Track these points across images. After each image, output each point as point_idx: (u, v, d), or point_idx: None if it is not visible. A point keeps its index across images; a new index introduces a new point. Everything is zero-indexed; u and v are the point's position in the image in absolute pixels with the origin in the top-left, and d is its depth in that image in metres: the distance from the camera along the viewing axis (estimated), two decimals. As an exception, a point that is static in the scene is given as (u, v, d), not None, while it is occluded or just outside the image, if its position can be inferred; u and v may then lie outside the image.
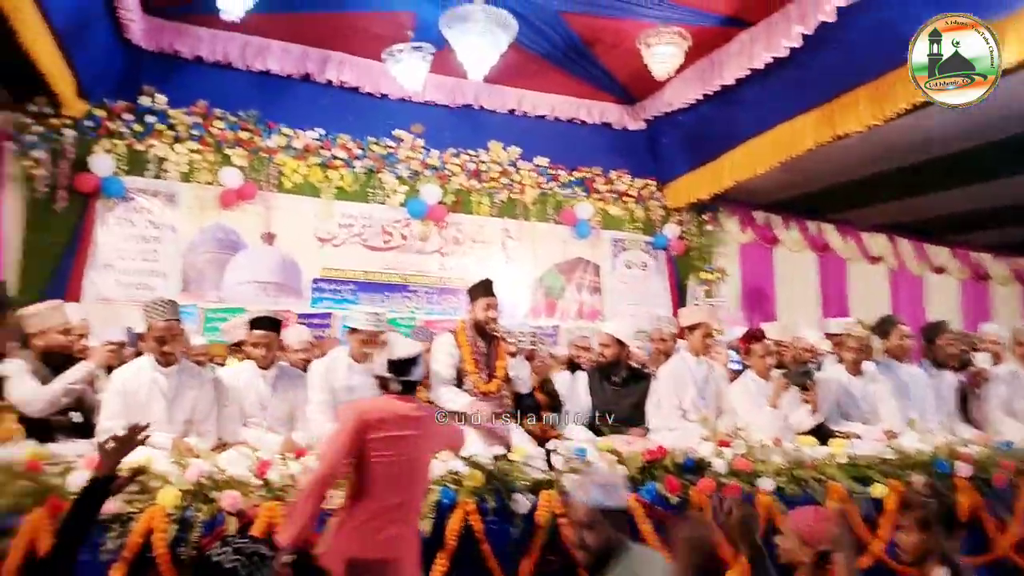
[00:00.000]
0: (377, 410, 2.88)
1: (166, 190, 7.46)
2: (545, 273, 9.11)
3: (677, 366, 4.78)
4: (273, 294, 7.76)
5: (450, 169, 8.62)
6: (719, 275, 9.59)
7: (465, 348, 4.25)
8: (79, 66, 6.37)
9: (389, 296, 8.26)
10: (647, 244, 9.62)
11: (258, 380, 4.19)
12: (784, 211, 10.12)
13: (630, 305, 9.37)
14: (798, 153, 7.20)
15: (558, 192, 9.16)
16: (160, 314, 3.76)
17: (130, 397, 3.76)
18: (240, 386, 4.17)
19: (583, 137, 9.36)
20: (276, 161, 7.88)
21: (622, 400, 4.66)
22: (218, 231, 7.67)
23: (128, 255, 7.28)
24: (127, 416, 3.66)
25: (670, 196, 9.58)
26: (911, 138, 7.09)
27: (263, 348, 4.15)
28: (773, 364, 4.83)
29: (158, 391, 3.81)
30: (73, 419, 4.00)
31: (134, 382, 3.80)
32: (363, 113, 8.37)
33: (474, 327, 4.30)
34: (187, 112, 7.55)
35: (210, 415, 3.98)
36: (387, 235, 8.40)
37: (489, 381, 4.23)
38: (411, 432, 2.88)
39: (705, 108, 8.20)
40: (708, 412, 4.61)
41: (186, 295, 7.30)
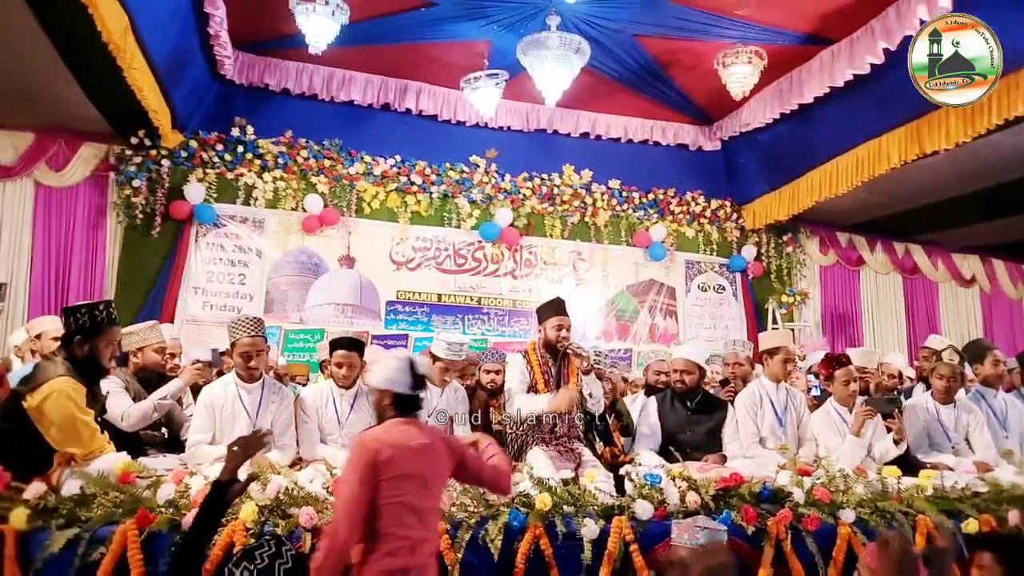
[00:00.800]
0: (387, 446, 2.52)
1: (253, 216, 7.79)
2: (617, 295, 9.04)
3: (755, 392, 4.64)
4: (351, 315, 7.96)
5: (523, 193, 8.69)
6: (800, 298, 9.32)
7: (536, 367, 4.25)
8: (176, 100, 6.75)
9: (461, 318, 8.36)
10: (723, 266, 9.44)
11: (338, 399, 4.28)
12: (868, 232, 9.77)
13: (705, 329, 9.21)
14: (883, 172, 6.95)
15: (631, 214, 9.11)
16: (246, 330, 3.89)
17: (216, 412, 3.91)
18: (320, 404, 4.27)
19: (657, 158, 9.30)
20: (357, 187, 8.13)
21: (696, 426, 4.54)
22: (300, 255, 7.94)
23: (217, 278, 7.62)
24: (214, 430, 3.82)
25: (747, 217, 9.41)
26: (1005, 155, 6.73)
27: (345, 368, 4.24)
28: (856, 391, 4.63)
29: (241, 406, 3.95)
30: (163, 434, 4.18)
31: (220, 397, 3.94)
32: (439, 140, 8.56)
33: (544, 346, 4.30)
34: (274, 142, 7.89)
35: (289, 431, 4.09)
36: (460, 258, 8.51)
37: None
38: (422, 464, 2.57)
39: (783, 127, 8.03)
40: (787, 440, 4.46)
41: (269, 316, 7.57)
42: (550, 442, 4.07)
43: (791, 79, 7.48)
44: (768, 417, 4.56)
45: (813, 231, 9.64)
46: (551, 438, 4.09)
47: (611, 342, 8.80)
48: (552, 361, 4.28)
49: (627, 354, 8.63)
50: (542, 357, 4.29)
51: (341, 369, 4.22)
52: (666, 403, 4.60)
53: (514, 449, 4.14)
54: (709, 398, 4.71)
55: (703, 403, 4.60)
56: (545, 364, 4.27)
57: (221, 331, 6.25)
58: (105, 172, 7.29)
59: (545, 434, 4.09)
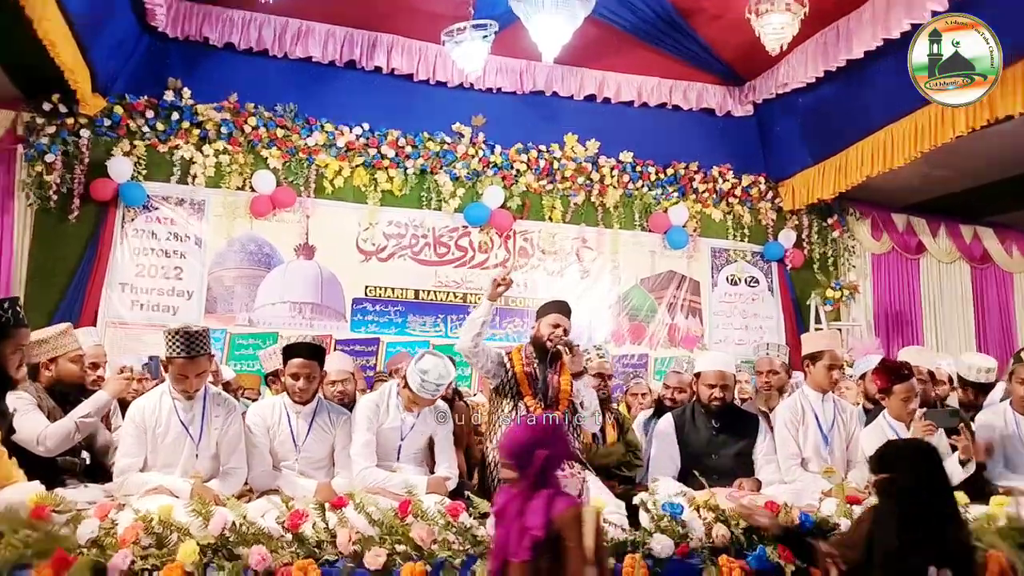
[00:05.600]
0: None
1: (192, 197, 7.77)
2: (630, 291, 9.06)
3: (796, 405, 4.68)
4: (310, 316, 7.97)
5: (517, 168, 8.69)
6: (848, 292, 9.34)
7: (518, 368, 4.28)
8: (96, 57, 6.70)
9: (443, 318, 8.37)
10: (756, 255, 9.47)
11: (293, 416, 4.28)
12: (930, 213, 9.79)
13: (735, 330, 9.24)
14: (947, 141, 6.96)
15: (646, 193, 9.12)
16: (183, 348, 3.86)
17: (148, 431, 3.90)
18: (272, 423, 4.27)
19: (677, 126, 9.31)
20: (316, 162, 8.12)
21: (724, 447, 4.55)
22: (249, 244, 7.93)
23: (148, 271, 7.60)
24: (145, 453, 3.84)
25: (785, 196, 9.42)
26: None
27: (302, 380, 4.24)
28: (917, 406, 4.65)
29: (179, 423, 3.94)
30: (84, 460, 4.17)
31: (153, 413, 3.94)
32: (416, 105, 8.53)
33: (533, 343, 4.35)
34: (216, 108, 7.86)
35: (237, 454, 4.09)
36: (442, 246, 8.51)
37: (548, 407, 4.24)
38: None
39: (828, 89, 8.03)
40: (834, 462, 4.50)
41: (212, 317, 7.58)
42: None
43: (837, 30, 7.47)
44: (811, 434, 4.59)
45: (864, 212, 9.65)
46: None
47: (623, 346, 8.82)
48: (539, 362, 4.32)
49: (642, 360, 8.67)
50: (527, 357, 4.33)
51: (297, 381, 4.22)
52: (686, 420, 4.61)
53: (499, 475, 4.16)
54: (739, 413, 4.73)
55: (732, 419, 4.61)
56: (530, 365, 4.31)
57: (155, 335, 6.24)
58: (12, 145, 7.24)
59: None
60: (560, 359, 4.33)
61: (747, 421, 4.68)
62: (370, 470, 4.12)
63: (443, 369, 4.24)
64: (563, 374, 4.33)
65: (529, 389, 4.27)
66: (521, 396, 4.27)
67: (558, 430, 2.78)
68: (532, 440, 2.57)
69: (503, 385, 4.38)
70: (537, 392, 4.28)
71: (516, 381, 4.32)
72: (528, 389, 4.27)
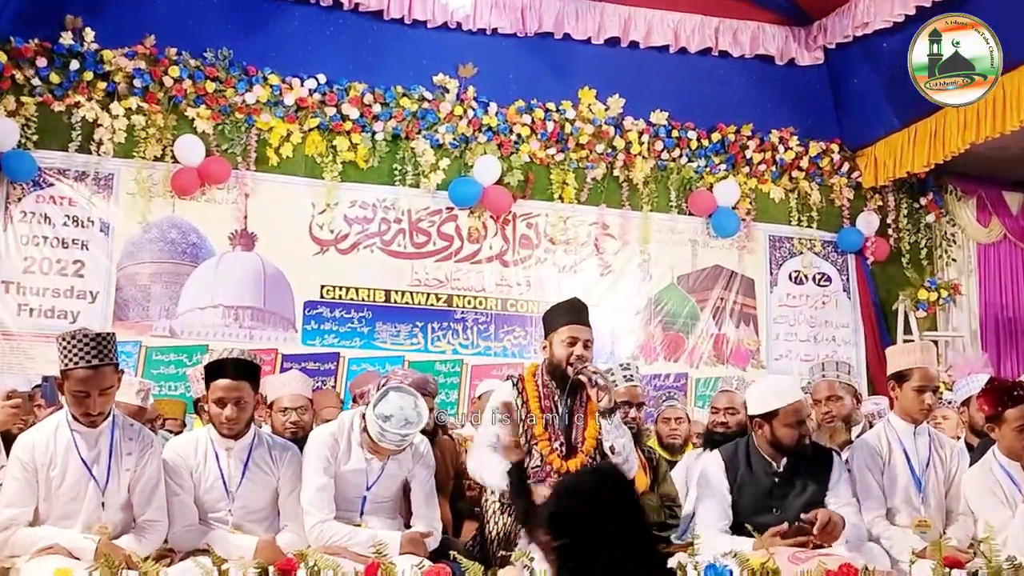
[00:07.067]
0: None
1: (96, 170, 7.75)
2: (665, 291, 9.07)
3: (879, 440, 4.66)
4: (250, 325, 7.96)
5: (517, 132, 8.68)
6: (947, 293, 9.34)
7: (533, 401, 4.25)
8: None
9: (422, 327, 8.37)
10: (828, 245, 9.48)
11: (223, 454, 4.27)
12: (1053, 191, 9.81)
13: (802, 342, 9.23)
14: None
15: (685, 165, 9.13)
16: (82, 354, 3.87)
17: (41, 472, 3.89)
18: (195, 464, 4.26)
19: (725, 79, 9.33)
20: (257, 124, 8.10)
21: (786, 500, 4.46)
22: (171, 230, 7.92)
23: (40, 266, 7.58)
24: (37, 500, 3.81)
25: (865, 169, 9.42)
26: None
27: (230, 407, 4.22)
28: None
29: (79, 461, 3.92)
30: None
31: (45, 452, 3.92)
32: (387, 50, 8.54)
33: (549, 370, 4.29)
34: (127, 54, 7.82)
35: (155, 501, 4.07)
36: (421, 234, 8.51)
37: (568, 455, 4.19)
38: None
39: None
40: (929, 512, 4.49)
41: (122, 325, 7.55)
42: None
43: (932, -46, 7.50)
44: (900, 477, 4.57)
45: (968, 190, 9.66)
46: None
47: (655, 363, 8.82)
48: (560, 394, 4.27)
49: (680, 382, 8.66)
50: (544, 387, 4.28)
51: (224, 408, 4.18)
52: (739, 462, 4.51)
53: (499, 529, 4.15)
54: (812, 452, 4.59)
55: (799, 460, 4.51)
56: (549, 399, 4.26)
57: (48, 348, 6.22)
58: None
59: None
60: (585, 391, 4.25)
61: (818, 457, 4.60)
62: (327, 524, 4.10)
63: (411, 412, 4.12)
64: (589, 413, 4.27)
65: (545, 431, 4.21)
66: (534, 439, 4.20)
67: None
68: None
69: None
70: (555, 434, 4.23)
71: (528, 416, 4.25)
72: (544, 430, 4.21)
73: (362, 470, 4.29)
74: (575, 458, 4.18)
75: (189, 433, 4.75)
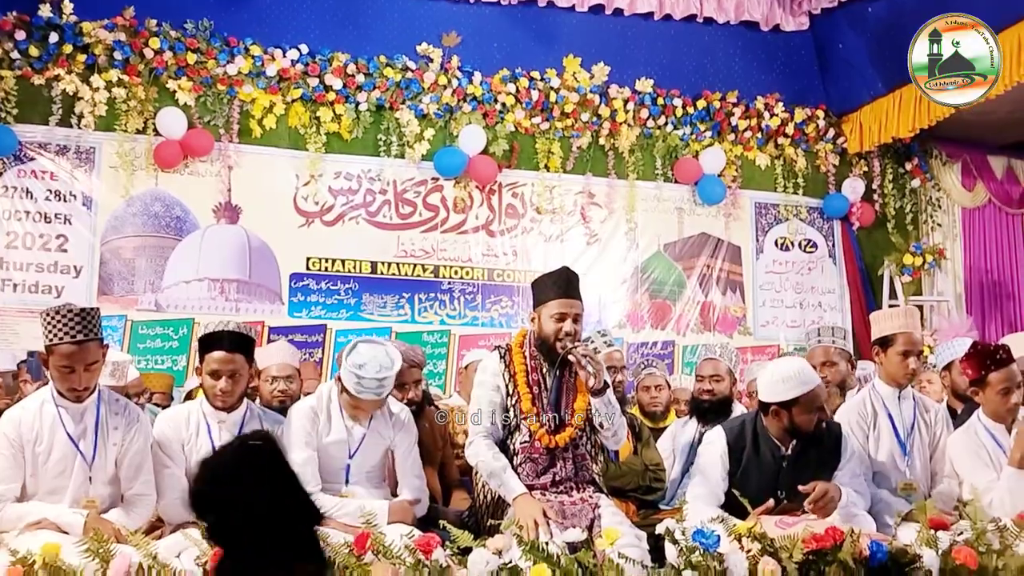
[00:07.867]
0: None
1: (78, 144, 7.71)
2: (650, 259, 9.09)
3: (864, 405, 4.68)
4: (236, 297, 7.95)
5: (502, 101, 8.66)
6: (932, 257, 9.38)
7: (520, 376, 4.22)
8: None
9: (408, 298, 8.38)
10: (813, 211, 9.51)
11: (215, 427, 4.26)
12: (1038, 155, 9.83)
13: (787, 308, 9.27)
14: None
15: (671, 133, 9.12)
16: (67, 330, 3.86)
17: (27, 448, 3.88)
18: (186, 437, 4.26)
19: (710, 45, 9.32)
20: (239, 96, 8.06)
21: (797, 482, 4.26)
22: (154, 204, 7.89)
23: (22, 241, 7.56)
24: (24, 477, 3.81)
25: (851, 135, 9.43)
26: None
27: (224, 379, 4.22)
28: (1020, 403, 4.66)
29: (65, 437, 3.92)
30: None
31: (32, 428, 3.92)
32: (369, 19, 8.50)
33: (538, 344, 4.26)
34: (107, 26, 7.75)
35: (143, 475, 4.08)
36: (406, 204, 8.50)
37: (557, 429, 4.18)
38: None
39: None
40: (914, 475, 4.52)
41: (107, 300, 7.54)
42: (548, 488, 4.09)
43: (917, -84, 7.47)
44: (885, 441, 4.60)
45: (953, 154, 9.67)
46: (550, 482, 4.11)
47: (641, 331, 8.86)
48: (548, 367, 4.24)
49: (667, 350, 8.69)
50: (532, 360, 4.25)
51: (218, 381, 4.20)
52: (745, 443, 4.34)
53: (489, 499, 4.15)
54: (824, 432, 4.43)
55: (810, 443, 4.35)
56: (536, 372, 4.23)
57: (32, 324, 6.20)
58: None
59: (539, 477, 4.10)
60: (574, 366, 4.18)
61: (829, 439, 4.44)
62: (315, 496, 4.11)
63: (384, 359, 4.15)
64: (579, 389, 4.22)
65: (533, 406, 4.17)
66: (522, 414, 4.17)
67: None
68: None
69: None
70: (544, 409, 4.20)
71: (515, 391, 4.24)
72: (532, 405, 4.17)
73: (343, 440, 4.29)
74: (564, 432, 4.15)
75: (180, 405, 4.74)
